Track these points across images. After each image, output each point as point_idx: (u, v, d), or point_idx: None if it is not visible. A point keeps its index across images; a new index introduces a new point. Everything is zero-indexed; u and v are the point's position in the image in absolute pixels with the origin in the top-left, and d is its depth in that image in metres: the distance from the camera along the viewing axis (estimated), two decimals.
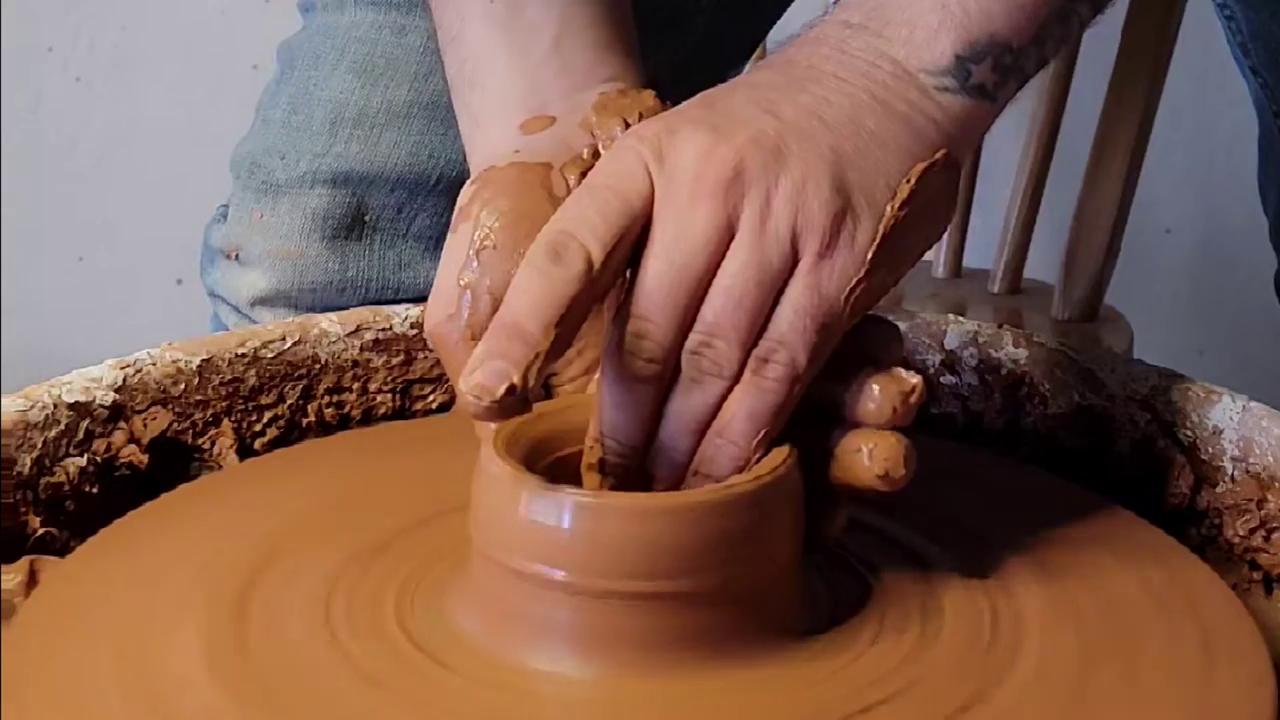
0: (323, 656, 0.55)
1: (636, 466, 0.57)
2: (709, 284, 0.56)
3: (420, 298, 0.83)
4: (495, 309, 0.58)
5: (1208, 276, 1.85)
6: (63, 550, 0.66)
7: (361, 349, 0.79)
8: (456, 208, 0.64)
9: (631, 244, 0.56)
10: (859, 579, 0.60)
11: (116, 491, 0.71)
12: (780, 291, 0.56)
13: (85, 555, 0.63)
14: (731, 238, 0.56)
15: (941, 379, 0.80)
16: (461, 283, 0.61)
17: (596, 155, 0.64)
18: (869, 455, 0.56)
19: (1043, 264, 1.52)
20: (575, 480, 0.56)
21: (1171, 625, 0.59)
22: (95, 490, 0.70)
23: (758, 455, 0.56)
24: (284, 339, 0.77)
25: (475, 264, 0.60)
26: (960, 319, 0.80)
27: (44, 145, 1.83)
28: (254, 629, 0.57)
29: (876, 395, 0.56)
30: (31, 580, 0.62)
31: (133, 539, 0.64)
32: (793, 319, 0.56)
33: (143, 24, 1.81)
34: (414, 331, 0.80)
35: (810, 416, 0.57)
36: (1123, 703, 0.54)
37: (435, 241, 0.64)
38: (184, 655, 0.55)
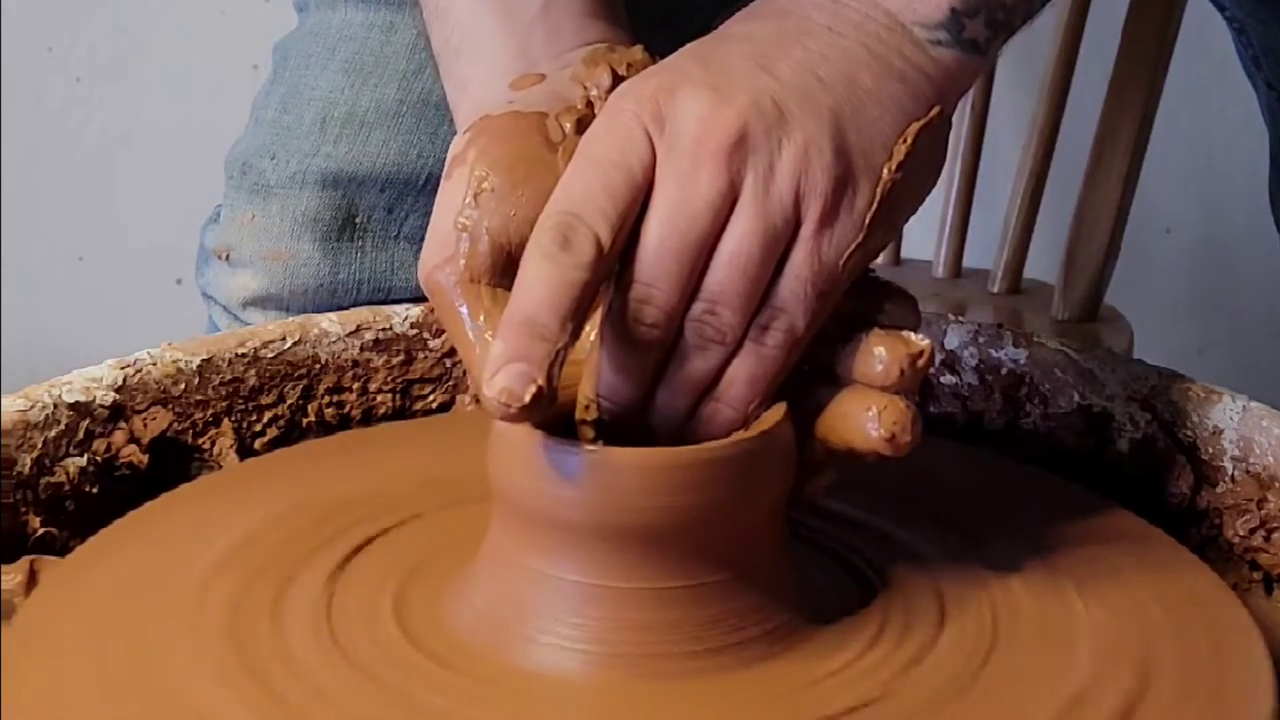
0: (322, 656, 0.55)
1: (632, 422, 0.57)
2: (711, 248, 0.55)
3: (413, 300, 0.83)
4: (494, 250, 0.58)
5: (1208, 276, 1.85)
6: (63, 550, 0.66)
7: (361, 349, 0.79)
8: (449, 156, 0.62)
9: (635, 215, 0.55)
10: (860, 579, 0.61)
11: (116, 491, 0.71)
12: (781, 255, 0.56)
13: (85, 555, 0.63)
14: (734, 202, 0.55)
15: (941, 379, 0.80)
16: (459, 225, 0.59)
17: (589, 105, 0.64)
18: (878, 417, 0.56)
19: (1043, 264, 1.52)
20: (571, 434, 0.57)
21: (1171, 626, 0.59)
22: (95, 490, 0.70)
23: (755, 417, 0.57)
24: (284, 339, 0.77)
25: (473, 206, 0.59)
26: (960, 319, 0.80)
27: (44, 145, 1.83)
28: (253, 629, 0.57)
29: (884, 356, 0.57)
30: (31, 580, 0.62)
31: (133, 539, 0.64)
32: (794, 286, 0.56)
33: (143, 24, 1.81)
34: (414, 331, 0.80)
35: (799, 375, 0.58)
36: (1122, 703, 0.54)
37: None
38: (183, 655, 0.55)
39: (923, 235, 1.51)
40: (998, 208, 1.49)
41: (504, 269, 0.58)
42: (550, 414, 0.55)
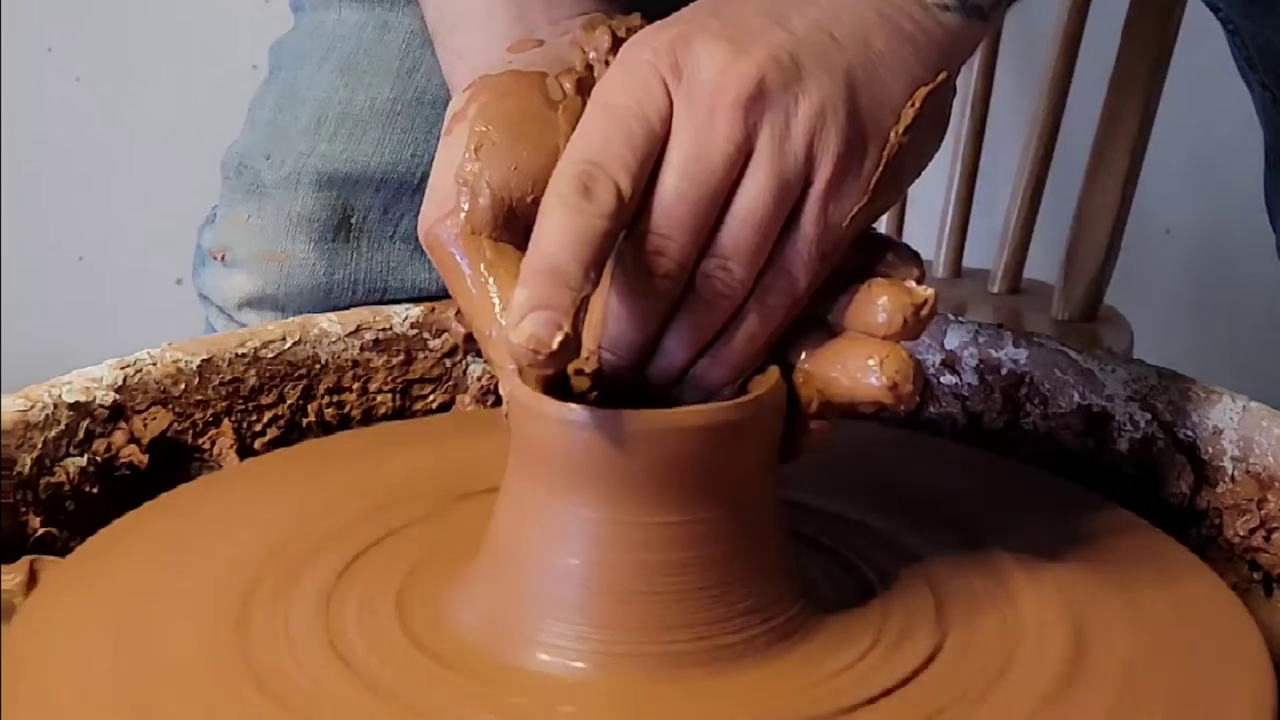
0: (323, 656, 0.55)
1: (628, 374, 0.57)
2: (726, 200, 0.55)
3: (410, 300, 0.83)
4: (495, 203, 0.58)
5: (1208, 276, 1.85)
6: (63, 550, 0.66)
7: (361, 349, 0.79)
8: (449, 114, 0.62)
9: (652, 165, 0.55)
10: (860, 579, 0.61)
11: (116, 491, 0.71)
12: (790, 211, 0.56)
13: (85, 555, 0.63)
14: (749, 154, 0.55)
15: (941, 379, 0.80)
16: (460, 179, 0.59)
17: (589, 69, 0.64)
18: (879, 366, 0.56)
19: (1043, 264, 1.52)
20: (565, 387, 0.57)
21: (1172, 626, 0.59)
22: (95, 490, 0.70)
23: (748, 374, 0.57)
24: (284, 339, 0.78)
25: (474, 160, 0.59)
26: (960, 319, 0.80)
27: (44, 145, 1.83)
28: (254, 629, 0.57)
29: (886, 305, 0.57)
30: (31, 580, 0.62)
31: (133, 539, 0.64)
32: (800, 246, 0.56)
33: (143, 24, 1.81)
34: (414, 331, 0.80)
35: (792, 328, 0.58)
36: (1121, 704, 0.54)
37: None
38: (183, 655, 0.55)
39: (923, 235, 1.51)
40: (998, 208, 1.49)
41: (505, 222, 0.58)
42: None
